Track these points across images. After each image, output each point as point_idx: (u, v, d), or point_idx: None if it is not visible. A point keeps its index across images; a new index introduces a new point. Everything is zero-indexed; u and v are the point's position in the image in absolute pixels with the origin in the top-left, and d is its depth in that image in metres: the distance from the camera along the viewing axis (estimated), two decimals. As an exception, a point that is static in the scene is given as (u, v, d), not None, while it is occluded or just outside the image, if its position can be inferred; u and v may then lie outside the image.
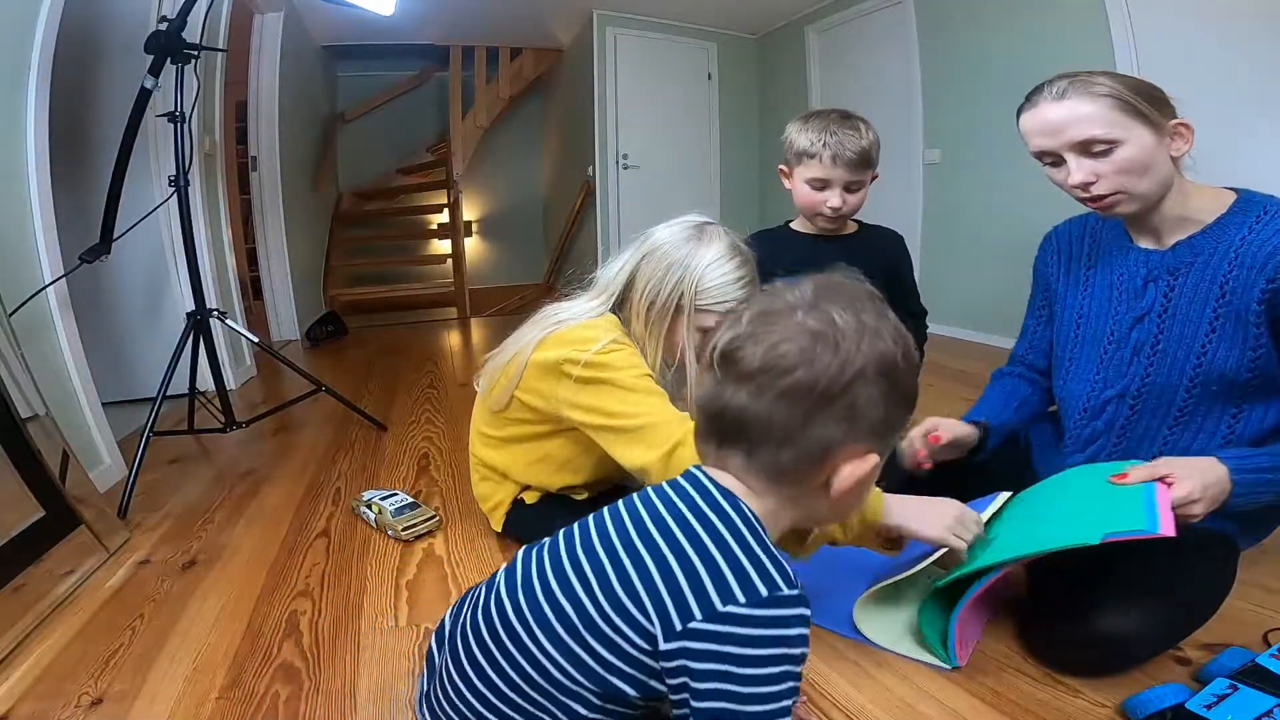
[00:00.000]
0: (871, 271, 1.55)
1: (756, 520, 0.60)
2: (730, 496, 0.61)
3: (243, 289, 3.66)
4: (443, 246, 5.35)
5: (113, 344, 2.38)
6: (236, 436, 1.93)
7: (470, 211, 5.48)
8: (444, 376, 2.91)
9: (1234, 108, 2.16)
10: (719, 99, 4.67)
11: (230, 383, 2.42)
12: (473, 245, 5.61)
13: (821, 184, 1.39)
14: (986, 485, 1.31)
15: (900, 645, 0.98)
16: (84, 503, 1.34)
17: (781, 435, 0.56)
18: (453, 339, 3.94)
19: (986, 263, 3.09)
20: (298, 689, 0.93)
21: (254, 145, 3.65)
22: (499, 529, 1.32)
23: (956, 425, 1.15)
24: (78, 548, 1.28)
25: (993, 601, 1.04)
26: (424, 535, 1.38)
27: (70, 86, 2.11)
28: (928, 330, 1.62)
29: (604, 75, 4.30)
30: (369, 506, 1.44)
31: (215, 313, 1.91)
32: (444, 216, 5.27)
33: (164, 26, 1.68)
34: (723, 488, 0.62)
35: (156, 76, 1.70)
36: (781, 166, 1.48)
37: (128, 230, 1.85)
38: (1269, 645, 0.82)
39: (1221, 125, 1.91)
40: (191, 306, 1.86)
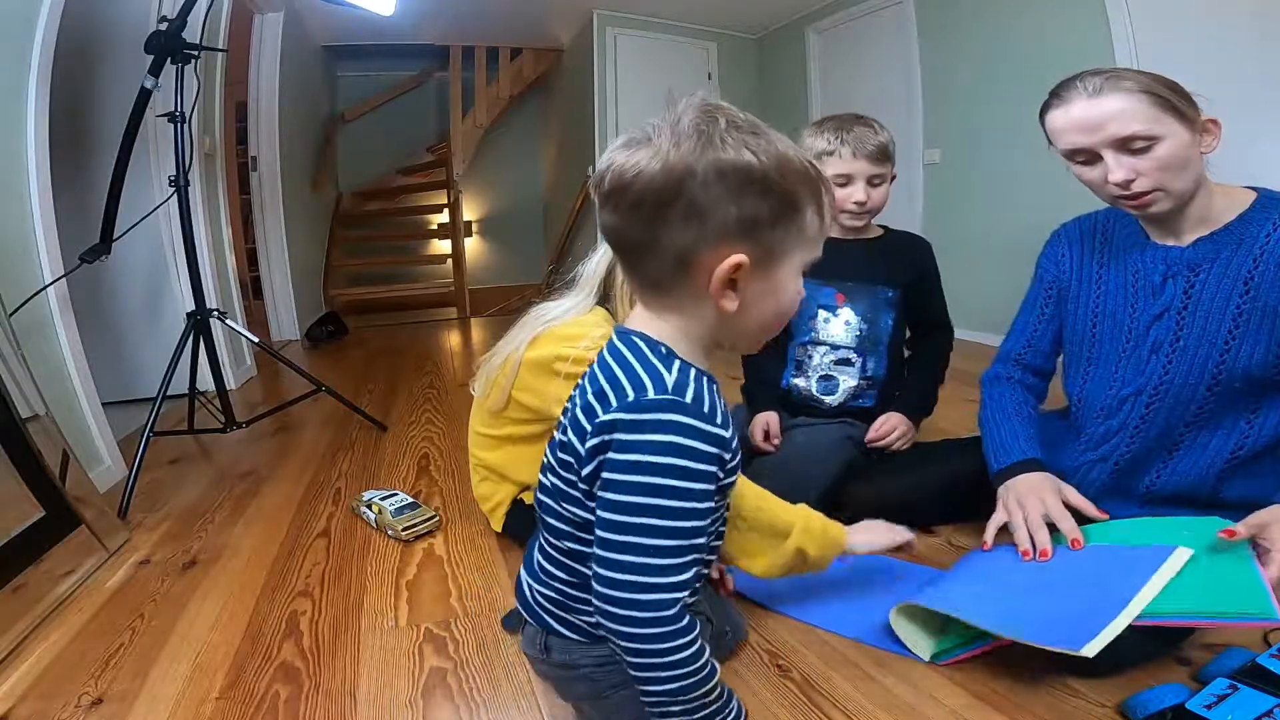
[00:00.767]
0: (894, 277, 1.53)
1: (649, 341, 0.63)
2: (624, 332, 0.65)
3: (243, 289, 3.66)
4: (443, 246, 5.36)
5: (113, 344, 2.39)
6: (236, 436, 1.93)
7: (470, 211, 5.48)
8: (444, 376, 2.91)
9: (1234, 107, 2.15)
10: (719, 99, 4.65)
11: (230, 383, 2.42)
12: (473, 245, 5.61)
13: (844, 179, 1.39)
14: (992, 488, 1.31)
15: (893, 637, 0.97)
16: (84, 503, 1.34)
17: (640, 246, 0.59)
18: (453, 339, 3.94)
19: (987, 263, 3.08)
20: (298, 689, 0.93)
21: (254, 145, 3.65)
22: (499, 529, 1.32)
23: (1046, 492, 1.04)
24: (78, 548, 1.28)
25: None
26: (424, 535, 1.38)
27: (70, 86, 2.11)
28: (952, 344, 1.56)
29: (604, 75, 4.30)
30: (369, 506, 1.44)
31: (215, 313, 1.91)
32: (444, 216, 5.27)
33: (164, 26, 1.68)
34: (621, 329, 0.66)
35: (156, 76, 1.70)
36: None
37: (128, 230, 1.85)
38: (1269, 645, 0.81)
39: (1222, 125, 1.91)
40: (191, 306, 1.86)
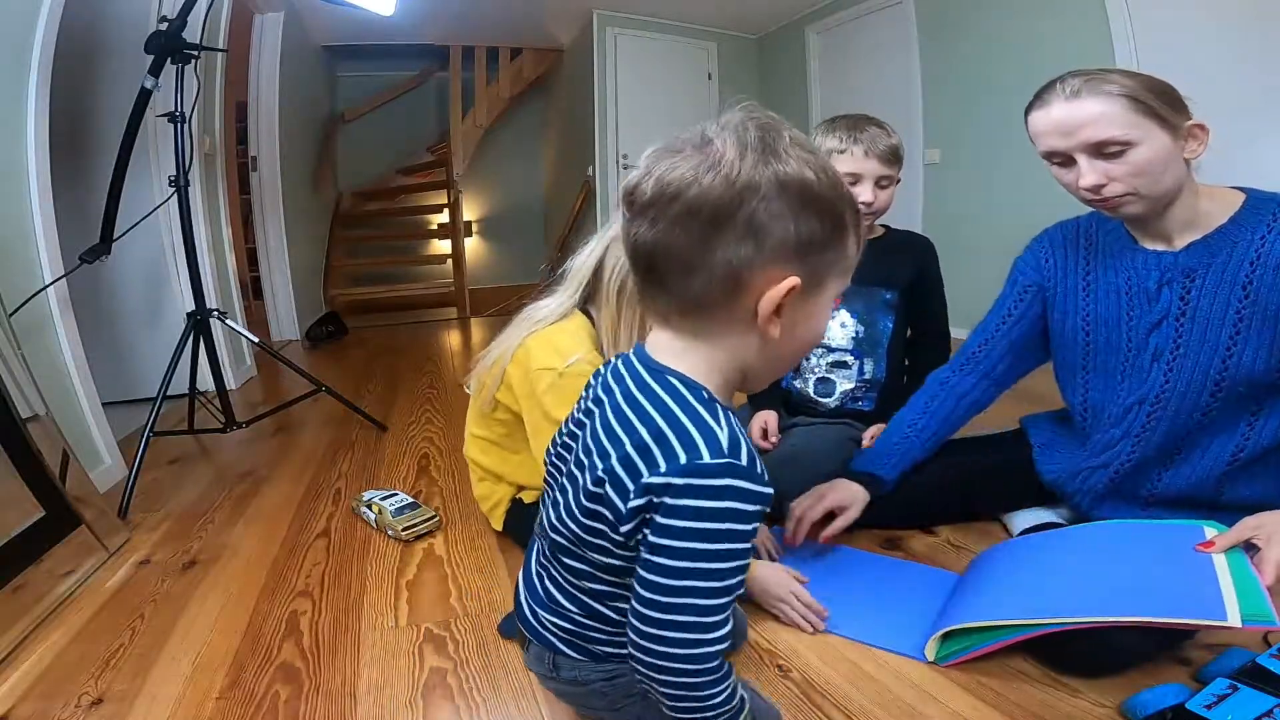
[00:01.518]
0: (894, 279, 1.53)
1: (687, 383, 0.59)
2: (657, 370, 0.61)
3: (243, 289, 3.66)
4: (443, 246, 5.36)
5: (113, 344, 2.38)
6: (236, 436, 1.93)
7: (470, 211, 5.48)
8: (444, 376, 2.91)
9: (1235, 107, 2.16)
10: (719, 99, 4.67)
11: (230, 383, 2.42)
12: (473, 245, 5.61)
13: (853, 179, 1.37)
14: (992, 488, 1.31)
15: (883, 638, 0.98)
16: (84, 503, 1.34)
17: (685, 261, 0.54)
18: (453, 339, 3.94)
19: (986, 263, 3.06)
20: (298, 689, 0.93)
21: (254, 145, 3.65)
22: (499, 528, 1.32)
23: (847, 498, 1.17)
24: (78, 548, 1.28)
25: None
26: (424, 535, 1.38)
27: (70, 86, 2.11)
28: (949, 357, 1.53)
29: (604, 75, 4.30)
30: (369, 506, 1.44)
31: (215, 313, 1.90)
32: (444, 216, 5.27)
33: (164, 26, 1.68)
34: (650, 362, 0.62)
35: (156, 76, 1.70)
36: None
37: (128, 230, 1.85)
38: (1269, 645, 0.81)
39: (1222, 125, 1.90)
40: (191, 306, 1.86)
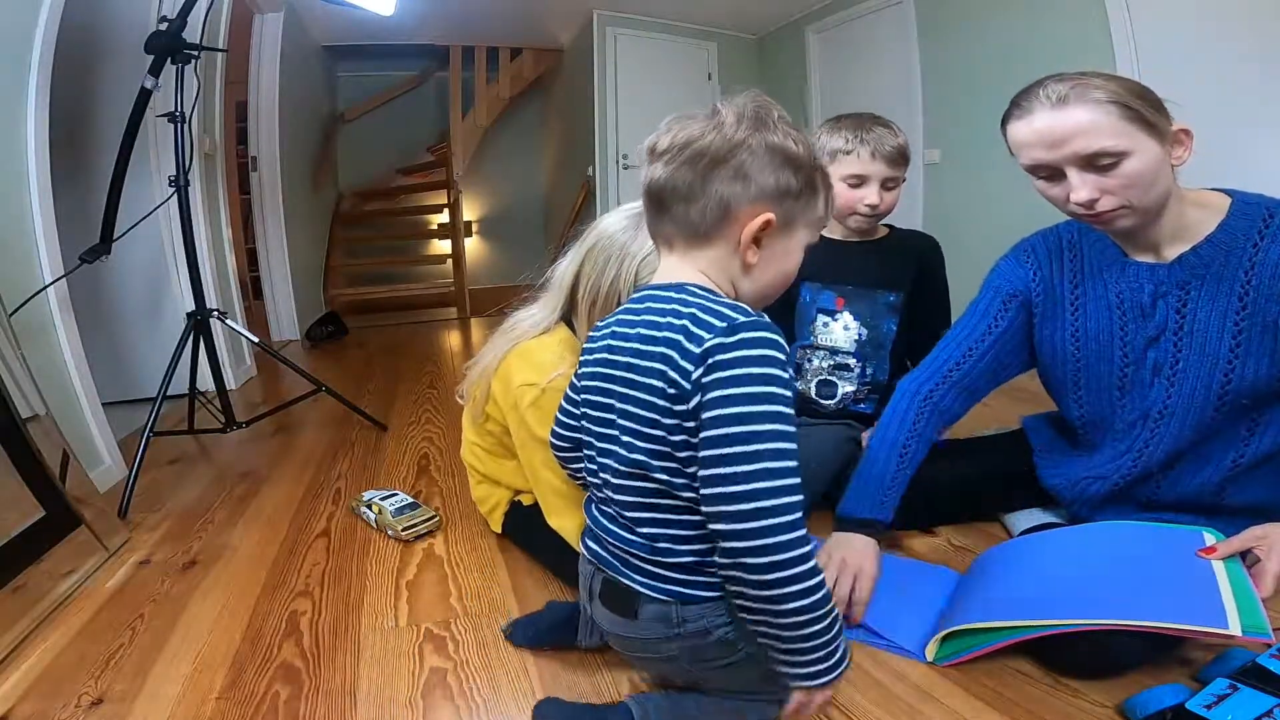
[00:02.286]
0: (897, 281, 1.50)
1: (699, 287, 0.72)
2: (672, 285, 0.73)
3: (243, 289, 3.66)
4: (443, 246, 5.35)
5: (113, 344, 2.38)
6: (236, 436, 1.93)
7: (470, 211, 5.48)
8: (444, 376, 2.90)
9: (1235, 108, 2.16)
10: (719, 99, 4.65)
11: (230, 383, 2.42)
12: (473, 245, 5.61)
13: (859, 180, 1.35)
14: (992, 489, 1.31)
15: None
16: (84, 503, 1.34)
17: (687, 192, 0.70)
18: (453, 339, 3.94)
19: (986, 263, 3.08)
20: (298, 689, 0.93)
21: (254, 145, 3.65)
22: (499, 530, 1.32)
23: (868, 562, 1.04)
24: (78, 548, 1.28)
25: None
26: (424, 535, 1.38)
27: (70, 86, 2.11)
28: None
29: (604, 75, 4.30)
30: (369, 506, 1.44)
31: (215, 313, 1.91)
32: (444, 216, 5.27)
33: (164, 27, 1.68)
34: (659, 285, 0.74)
35: (156, 76, 1.70)
36: None
37: (128, 230, 1.85)
38: (1269, 645, 0.81)
39: (1222, 125, 1.91)
40: (191, 306, 1.87)
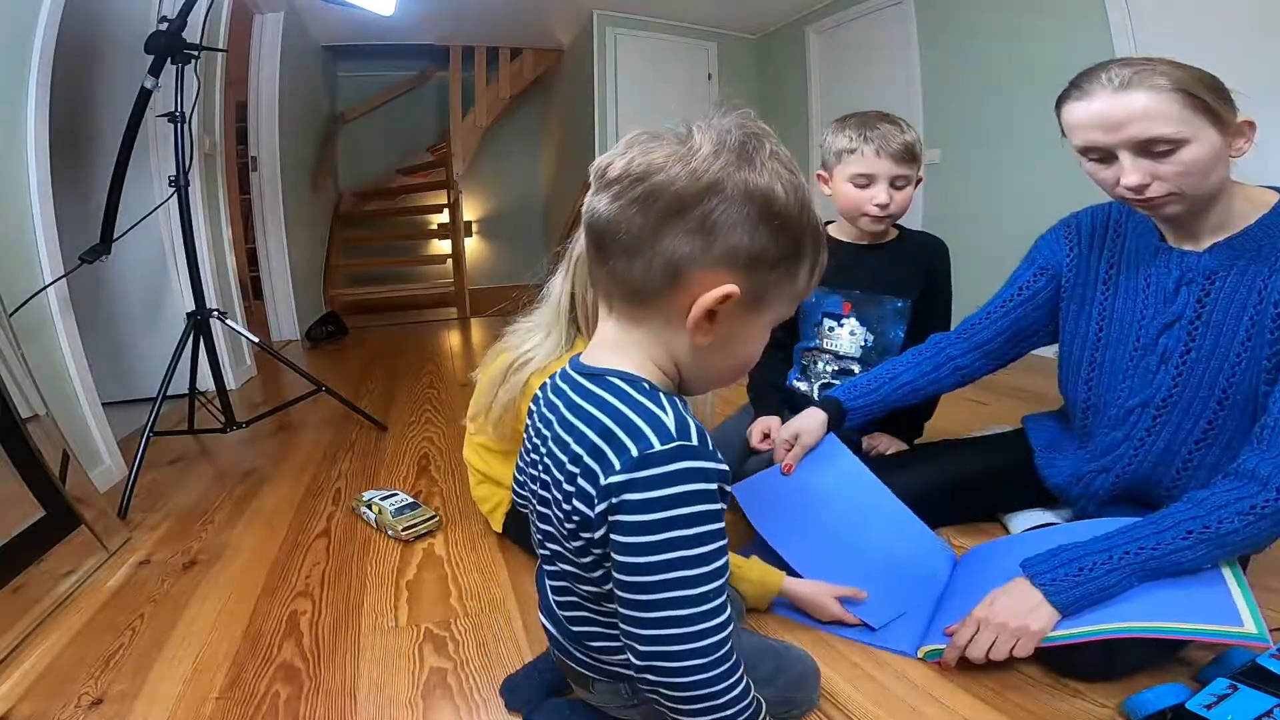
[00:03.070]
0: (906, 287, 1.47)
1: (626, 377, 0.59)
2: (594, 374, 0.61)
3: (243, 289, 3.66)
4: (443, 246, 5.36)
5: (113, 344, 2.38)
6: (236, 436, 1.93)
7: (470, 211, 5.48)
8: (444, 376, 2.91)
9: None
10: (719, 99, 4.65)
11: (230, 383, 2.42)
12: (473, 245, 5.61)
13: (866, 180, 1.32)
14: (993, 489, 1.30)
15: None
16: (84, 503, 1.34)
17: (632, 243, 0.55)
18: (453, 339, 3.94)
19: (986, 263, 3.07)
20: (298, 689, 0.93)
21: (254, 145, 3.65)
22: (500, 530, 1.32)
23: (809, 423, 1.21)
24: (78, 548, 1.28)
25: None
26: (424, 535, 1.38)
27: (70, 86, 2.11)
28: None
29: (604, 75, 4.30)
30: (369, 506, 1.44)
31: (215, 313, 1.90)
32: (444, 216, 5.27)
33: (164, 26, 1.68)
34: (585, 368, 0.62)
35: (156, 76, 1.70)
36: (819, 172, 1.41)
37: (128, 230, 1.85)
38: (1272, 645, 0.81)
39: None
40: (191, 306, 1.86)
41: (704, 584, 0.54)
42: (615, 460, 0.55)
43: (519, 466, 0.72)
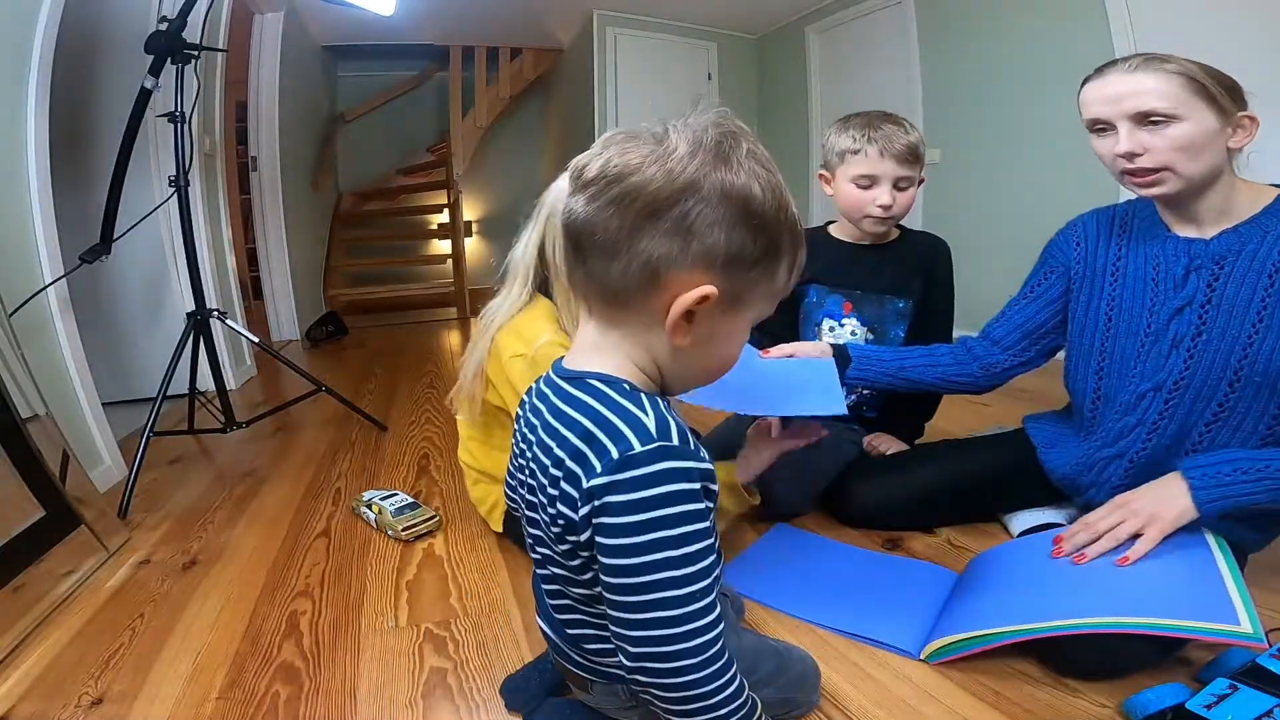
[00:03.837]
0: (907, 287, 1.49)
1: (606, 379, 0.59)
2: (575, 377, 0.61)
3: (243, 289, 3.66)
4: (443, 246, 5.36)
5: (113, 344, 2.38)
6: (236, 436, 1.93)
7: (470, 211, 5.48)
8: (444, 376, 2.91)
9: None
10: (719, 99, 4.65)
11: (230, 383, 2.42)
12: (473, 245, 5.61)
13: (869, 181, 1.32)
14: (993, 489, 1.31)
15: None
16: (84, 503, 1.34)
17: (609, 245, 0.54)
18: (453, 339, 3.94)
19: (987, 263, 3.07)
20: (298, 689, 0.93)
21: (254, 145, 3.65)
22: (499, 529, 1.32)
23: (808, 349, 1.24)
24: (78, 548, 1.28)
25: None
26: (424, 535, 1.38)
27: (70, 86, 2.11)
28: None
29: (604, 75, 4.30)
30: (369, 506, 1.44)
31: (215, 313, 1.90)
32: (444, 216, 5.27)
33: (164, 26, 1.68)
34: (567, 372, 0.62)
35: (156, 76, 1.70)
36: (822, 172, 1.42)
37: (128, 230, 1.85)
38: (1269, 645, 0.81)
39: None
40: (191, 306, 1.86)
41: (691, 583, 0.54)
42: (596, 463, 0.55)
43: (509, 470, 0.72)
